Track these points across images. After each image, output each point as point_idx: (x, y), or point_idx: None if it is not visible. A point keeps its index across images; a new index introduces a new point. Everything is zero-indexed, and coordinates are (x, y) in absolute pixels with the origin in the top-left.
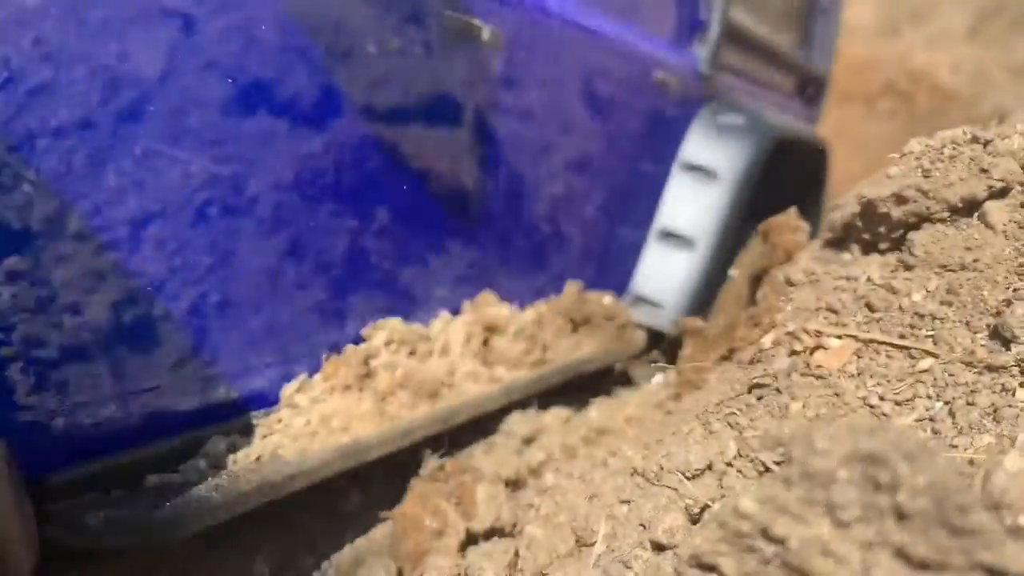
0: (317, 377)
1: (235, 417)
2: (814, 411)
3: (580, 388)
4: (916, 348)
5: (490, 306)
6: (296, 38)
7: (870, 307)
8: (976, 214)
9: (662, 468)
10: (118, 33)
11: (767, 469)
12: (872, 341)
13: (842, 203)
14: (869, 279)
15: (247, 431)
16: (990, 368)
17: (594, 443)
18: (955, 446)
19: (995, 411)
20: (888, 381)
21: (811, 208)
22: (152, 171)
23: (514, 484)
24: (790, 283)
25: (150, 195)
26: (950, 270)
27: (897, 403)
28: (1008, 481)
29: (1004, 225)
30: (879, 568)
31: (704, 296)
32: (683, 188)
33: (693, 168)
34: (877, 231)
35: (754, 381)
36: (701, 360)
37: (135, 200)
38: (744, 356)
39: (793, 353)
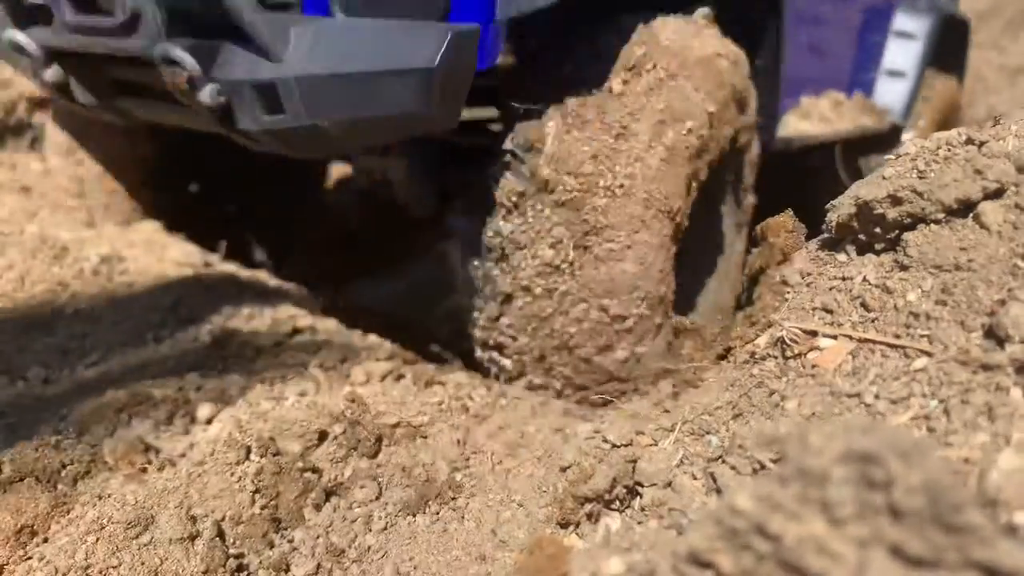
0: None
1: None
2: (809, 410)
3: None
4: (911, 347)
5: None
6: None
7: (865, 307)
8: (971, 215)
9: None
10: None
11: (763, 467)
12: (867, 340)
13: (838, 204)
14: (864, 279)
15: None
16: (985, 367)
17: None
18: (950, 444)
19: (990, 410)
20: (883, 380)
21: (955, 62)
22: None
23: None
24: (786, 283)
25: None
26: (945, 270)
27: (892, 402)
28: (1003, 479)
29: (998, 226)
30: (874, 566)
31: (913, 101)
32: (897, 45)
33: (901, 34)
34: (873, 232)
35: (750, 380)
36: (699, 360)
37: None
38: (740, 355)
39: (789, 353)
